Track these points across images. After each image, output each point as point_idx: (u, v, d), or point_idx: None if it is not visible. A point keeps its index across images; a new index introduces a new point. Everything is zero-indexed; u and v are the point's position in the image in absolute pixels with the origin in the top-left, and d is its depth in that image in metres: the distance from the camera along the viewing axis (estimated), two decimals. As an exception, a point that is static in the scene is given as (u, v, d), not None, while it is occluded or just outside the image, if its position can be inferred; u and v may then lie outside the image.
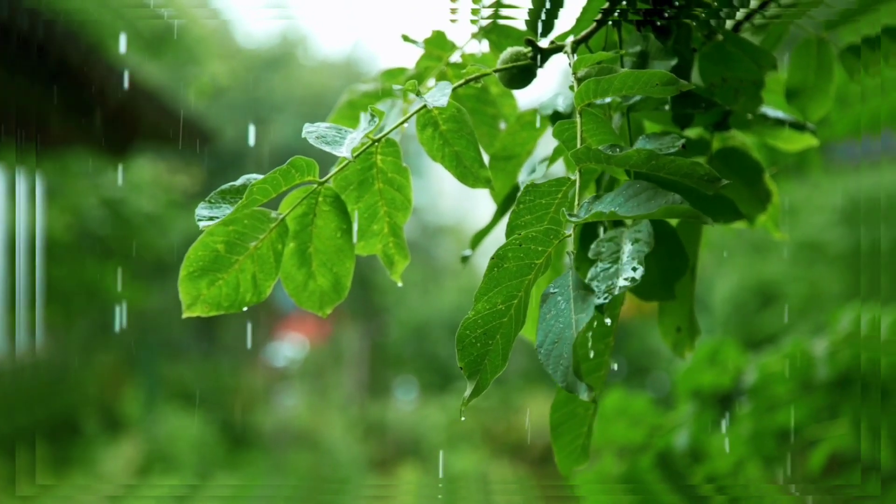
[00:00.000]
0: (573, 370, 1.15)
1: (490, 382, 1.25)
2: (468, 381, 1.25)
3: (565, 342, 1.16)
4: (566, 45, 1.52)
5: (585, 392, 1.14)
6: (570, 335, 1.16)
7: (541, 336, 1.19)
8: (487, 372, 1.25)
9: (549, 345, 1.18)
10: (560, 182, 1.32)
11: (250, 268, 1.42)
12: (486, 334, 1.24)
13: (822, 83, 1.80)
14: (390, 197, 1.50)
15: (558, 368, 1.16)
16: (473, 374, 1.25)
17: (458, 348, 1.24)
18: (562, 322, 1.18)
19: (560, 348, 1.16)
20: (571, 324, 1.16)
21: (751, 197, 1.75)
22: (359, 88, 1.82)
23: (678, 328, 1.73)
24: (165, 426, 11.19)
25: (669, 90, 1.32)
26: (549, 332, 1.18)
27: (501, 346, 1.24)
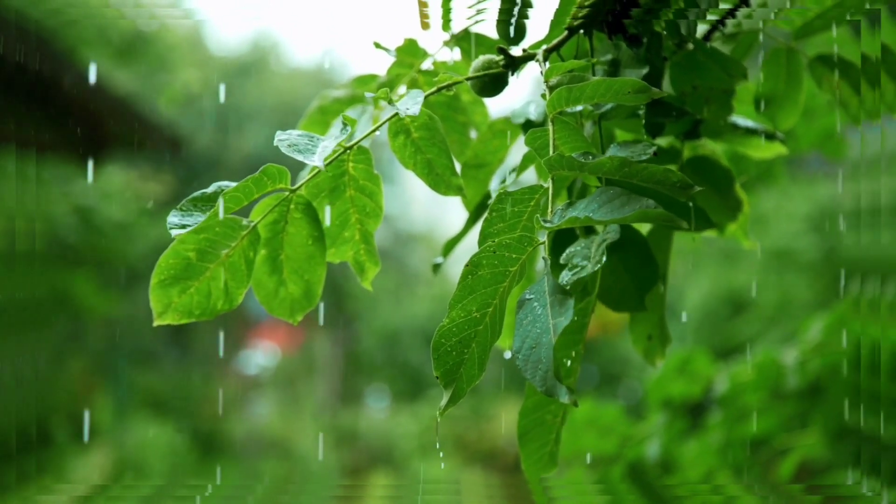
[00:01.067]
0: (553, 374, 1.15)
1: (466, 391, 1.25)
2: (444, 390, 1.25)
3: (543, 347, 1.16)
4: (538, 53, 1.52)
5: (566, 395, 1.14)
6: (549, 340, 1.16)
7: (517, 342, 1.19)
8: (464, 381, 1.25)
9: (527, 350, 1.18)
10: (533, 190, 1.32)
11: (222, 275, 1.41)
12: (461, 343, 1.24)
13: (792, 92, 1.81)
14: (361, 204, 1.50)
15: (537, 373, 1.16)
16: (450, 383, 1.24)
17: (433, 357, 1.24)
18: (539, 327, 1.18)
19: (538, 353, 1.16)
20: (549, 328, 1.17)
21: (721, 205, 1.76)
22: (330, 95, 1.82)
23: (649, 336, 1.74)
24: (136, 434, 11.14)
25: (641, 98, 1.33)
26: (525, 338, 1.18)
27: (477, 354, 1.24)
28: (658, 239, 1.72)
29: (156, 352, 14.53)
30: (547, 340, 1.16)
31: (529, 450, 1.53)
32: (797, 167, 9.42)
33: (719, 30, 1.76)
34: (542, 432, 1.52)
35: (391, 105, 1.42)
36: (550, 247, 1.28)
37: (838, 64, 1.76)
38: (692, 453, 3.19)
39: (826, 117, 3.07)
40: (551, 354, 1.15)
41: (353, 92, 1.80)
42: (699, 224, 1.66)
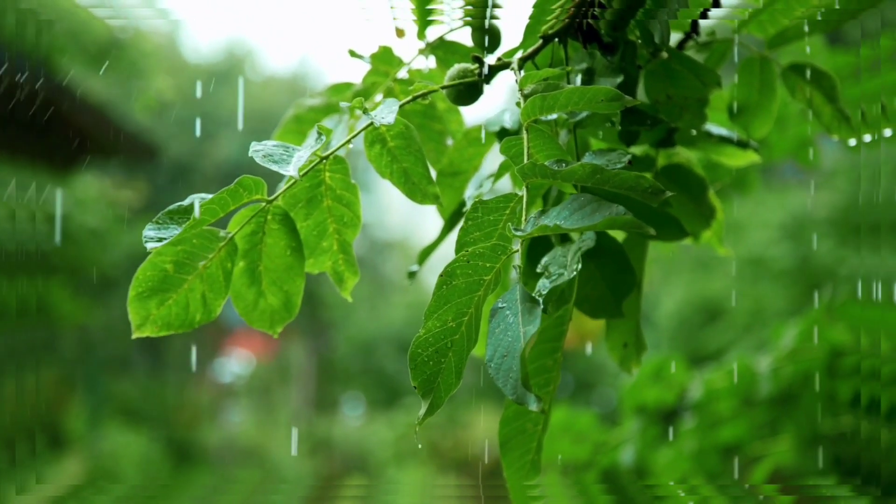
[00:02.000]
0: (522, 382, 1.15)
1: (444, 400, 1.25)
2: (422, 400, 1.25)
3: (514, 355, 1.16)
4: (513, 61, 1.52)
5: (535, 403, 1.14)
6: (519, 348, 1.16)
7: (490, 350, 1.19)
8: (441, 390, 1.25)
9: (499, 358, 1.18)
10: (507, 198, 1.32)
11: (200, 287, 1.41)
12: (438, 352, 1.24)
13: (765, 101, 1.81)
14: (339, 214, 1.49)
15: (508, 381, 1.16)
16: (427, 393, 1.24)
17: (410, 367, 1.24)
18: (510, 336, 1.18)
19: (509, 361, 1.17)
20: (520, 336, 1.17)
21: (695, 213, 1.76)
22: (305, 103, 1.82)
23: (625, 344, 1.74)
24: (109, 443, 11.09)
25: (615, 106, 1.33)
26: (498, 346, 1.19)
27: (454, 363, 1.24)
28: (633, 247, 1.72)
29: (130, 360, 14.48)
30: (518, 349, 1.16)
31: (511, 458, 1.53)
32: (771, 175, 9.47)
33: (693, 39, 1.77)
34: (524, 440, 1.52)
35: (367, 114, 1.42)
36: (525, 255, 1.28)
37: (811, 73, 1.77)
38: (666, 459, 3.20)
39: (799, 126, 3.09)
40: (522, 363, 1.15)
41: (329, 100, 1.80)
42: (673, 232, 1.66)
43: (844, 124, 1.76)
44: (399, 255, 19.21)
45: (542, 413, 1.18)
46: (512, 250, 1.24)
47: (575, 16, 1.54)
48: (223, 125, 17.51)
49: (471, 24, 1.77)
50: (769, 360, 3.18)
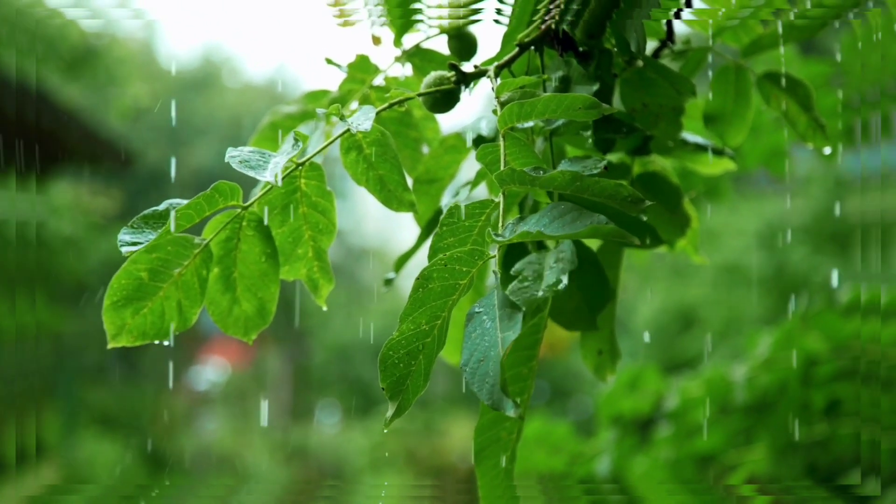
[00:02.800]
0: (499, 387, 1.15)
1: (412, 403, 1.25)
2: (390, 402, 1.25)
3: (491, 360, 1.16)
4: (489, 69, 1.52)
5: (512, 408, 1.14)
6: (496, 353, 1.16)
7: (466, 355, 1.19)
8: (409, 392, 1.25)
9: (475, 363, 1.18)
10: (484, 204, 1.32)
11: (175, 295, 1.40)
12: (408, 355, 1.24)
13: (740, 109, 1.82)
14: (314, 221, 1.49)
15: (484, 386, 1.16)
16: (396, 395, 1.24)
17: (380, 369, 1.24)
18: (487, 341, 1.18)
19: (485, 366, 1.16)
20: (497, 342, 1.17)
21: (671, 221, 1.77)
22: (281, 110, 1.82)
23: (599, 352, 1.74)
24: (84, 451, 11.03)
25: (591, 114, 1.33)
26: (474, 351, 1.19)
27: (424, 366, 1.24)
28: (608, 255, 1.73)
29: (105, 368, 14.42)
30: (495, 354, 1.16)
31: (485, 468, 1.52)
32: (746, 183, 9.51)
33: (668, 47, 1.78)
34: (498, 449, 1.52)
35: (343, 121, 1.41)
36: (501, 261, 1.28)
37: (786, 81, 1.78)
38: (642, 469, 3.20)
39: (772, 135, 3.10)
40: (499, 368, 1.15)
41: (305, 108, 1.80)
42: (649, 240, 1.67)
43: (819, 133, 1.77)
44: (375, 263, 19.20)
45: (521, 419, 1.17)
46: (489, 255, 1.24)
47: (551, 24, 1.55)
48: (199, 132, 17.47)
49: (447, 31, 1.78)
50: (744, 369, 3.19)
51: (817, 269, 8.82)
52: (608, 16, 1.50)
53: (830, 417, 3.12)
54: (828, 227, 9.27)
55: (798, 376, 3.09)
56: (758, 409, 3.16)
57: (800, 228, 9.36)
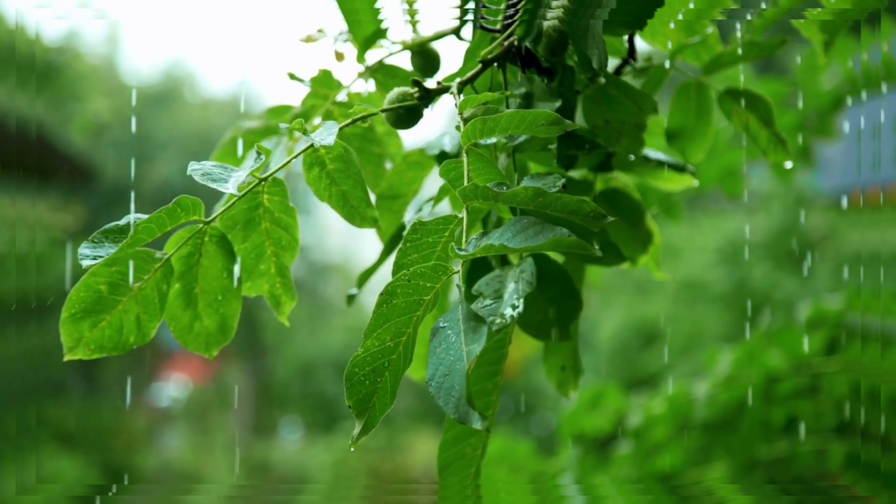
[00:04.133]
0: (465, 400, 1.14)
1: (379, 420, 1.24)
2: (357, 420, 1.24)
3: (456, 374, 1.16)
4: (452, 85, 1.53)
5: (478, 421, 1.14)
6: (462, 367, 1.15)
7: (431, 370, 1.19)
8: (376, 410, 1.24)
9: (440, 378, 1.17)
10: (447, 220, 1.32)
11: (134, 309, 1.39)
12: (374, 372, 1.23)
13: (702, 126, 1.83)
14: (277, 237, 1.49)
15: (450, 400, 1.16)
16: (362, 413, 1.24)
17: (346, 386, 1.23)
18: (452, 355, 1.18)
19: (451, 380, 1.16)
20: (462, 356, 1.16)
21: (633, 237, 1.78)
22: (244, 125, 1.81)
23: (563, 367, 1.74)
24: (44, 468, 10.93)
25: (554, 130, 1.34)
26: (439, 366, 1.18)
27: (390, 383, 1.24)
28: (571, 271, 1.73)
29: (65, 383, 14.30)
30: (460, 367, 1.16)
31: (450, 484, 1.52)
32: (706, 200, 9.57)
33: (630, 64, 1.79)
34: (463, 465, 1.52)
35: (306, 136, 1.41)
36: (465, 276, 1.28)
37: (747, 97, 1.79)
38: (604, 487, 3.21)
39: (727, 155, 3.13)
40: (464, 381, 1.15)
41: (268, 123, 1.80)
42: (611, 257, 1.67)
43: (780, 148, 1.78)
44: (338, 279, 19.17)
45: (487, 431, 1.17)
46: (453, 271, 1.24)
47: (513, 41, 1.55)
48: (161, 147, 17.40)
49: (410, 48, 1.78)
50: (705, 386, 3.20)
51: (778, 286, 8.87)
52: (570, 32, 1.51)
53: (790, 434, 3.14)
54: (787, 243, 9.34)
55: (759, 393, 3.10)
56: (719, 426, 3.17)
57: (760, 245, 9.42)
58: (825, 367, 3.14)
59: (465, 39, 1.74)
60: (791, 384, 3.13)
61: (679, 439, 3.22)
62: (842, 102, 3.29)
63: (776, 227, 9.37)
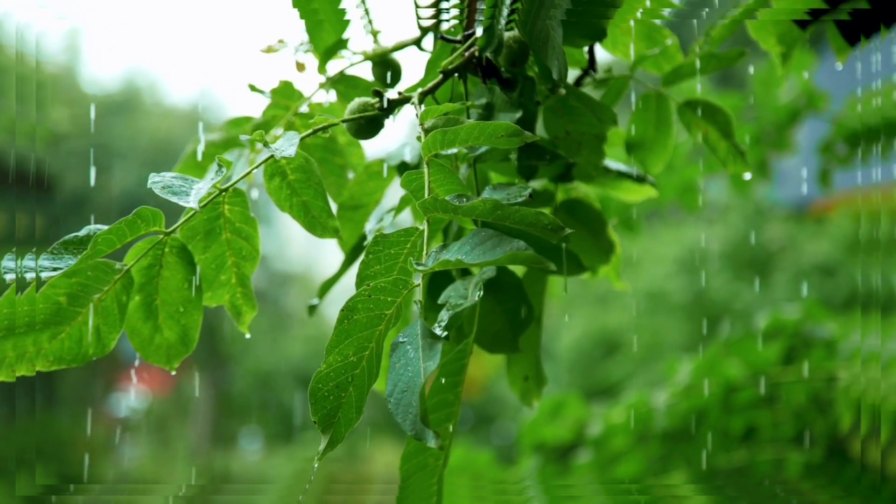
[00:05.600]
0: (421, 418, 1.14)
1: (344, 436, 1.24)
2: (322, 435, 1.23)
3: (414, 390, 1.16)
4: (413, 96, 1.53)
5: (433, 439, 1.14)
6: (419, 383, 1.15)
7: (390, 385, 1.18)
8: (342, 425, 1.24)
9: (399, 393, 1.17)
10: (408, 232, 1.32)
11: (94, 320, 1.38)
12: (338, 387, 1.23)
13: (662, 137, 1.84)
14: (238, 247, 1.48)
15: (407, 417, 1.16)
16: (328, 428, 1.23)
17: (310, 402, 1.23)
18: (411, 370, 1.18)
19: (409, 396, 1.16)
20: (420, 371, 1.16)
21: (594, 247, 1.78)
22: (205, 137, 1.81)
23: (525, 377, 1.75)
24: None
25: (514, 141, 1.34)
26: (398, 381, 1.18)
27: (355, 398, 1.23)
28: (532, 281, 1.74)
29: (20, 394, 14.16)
30: (418, 383, 1.16)
31: (412, 494, 1.52)
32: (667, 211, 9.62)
33: (590, 75, 1.80)
34: (425, 476, 1.51)
35: (267, 147, 1.41)
36: (426, 289, 1.28)
37: (706, 109, 1.80)
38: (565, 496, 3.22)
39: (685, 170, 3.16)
40: (420, 399, 1.15)
41: (229, 134, 1.79)
42: (572, 267, 1.68)
43: (740, 159, 1.79)
44: (299, 289, 19.10)
45: (441, 449, 1.17)
46: (413, 284, 1.24)
47: (474, 52, 1.56)
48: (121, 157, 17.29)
49: (371, 58, 1.78)
50: (665, 396, 3.22)
51: (736, 296, 8.93)
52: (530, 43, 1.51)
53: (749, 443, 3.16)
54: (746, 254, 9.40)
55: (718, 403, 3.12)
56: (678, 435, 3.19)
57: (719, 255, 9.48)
58: (783, 377, 3.16)
59: (426, 50, 1.74)
60: (749, 393, 3.15)
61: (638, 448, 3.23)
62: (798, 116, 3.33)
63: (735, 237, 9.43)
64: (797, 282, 8.74)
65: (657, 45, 1.83)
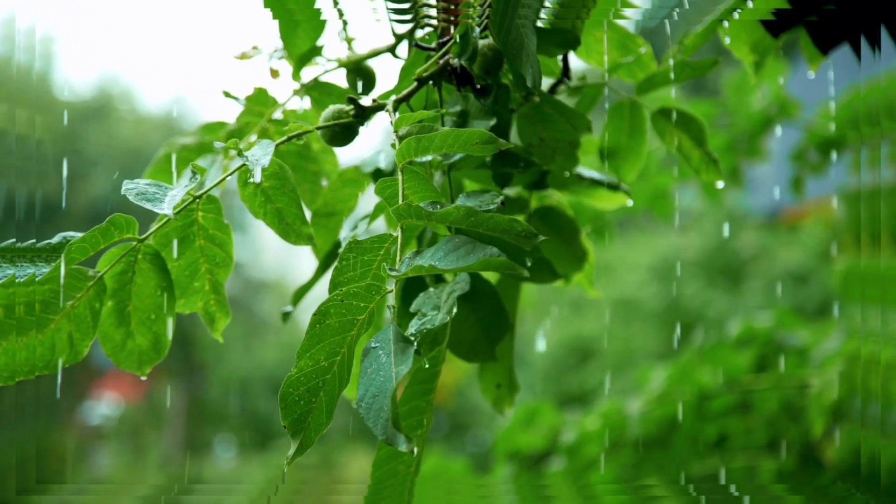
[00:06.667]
0: (392, 422, 1.14)
1: (314, 440, 1.23)
2: (292, 440, 1.23)
3: (385, 395, 1.16)
4: (388, 103, 1.53)
5: (404, 444, 1.14)
6: (390, 387, 1.15)
7: (361, 390, 1.18)
8: (311, 430, 1.23)
9: (370, 398, 1.17)
10: (382, 238, 1.32)
11: (66, 327, 1.38)
12: (309, 392, 1.23)
13: (635, 144, 1.85)
14: (211, 254, 1.48)
15: (378, 421, 1.16)
16: (297, 433, 1.23)
17: (281, 406, 1.22)
18: (382, 375, 1.18)
19: (380, 401, 1.16)
20: (391, 376, 1.16)
21: (567, 255, 1.79)
22: (178, 142, 1.80)
23: (498, 385, 1.75)
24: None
25: (488, 149, 1.34)
26: (369, 386, 1.18)
27: (325, 403, 1.23)
28: (506, 288, 1.74)
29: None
30: (389, 388, 1.16)
31: (382, 500, 1.52)
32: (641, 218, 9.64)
33: (564, 83, 1.80)
34: (397, 483, 1.51)
35: (241, 155, 1.41)
36: (400, 295, 1.28)
37: (679, 117, 1.80)
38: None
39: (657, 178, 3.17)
40: (392, 403, 1.15)
41: (202, 140, 1.79)
42: (545, 275, 1.68)
43: (713, 167, 1.80)
44: (273, 296, 19.07)
45: (412, 454, 1.17)
46: (386, 290, 1.24)
47: (449, 59, 1.56)
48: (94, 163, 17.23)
49: (346, 65, 1.78)
50: (639, 404, 3.23)
51: (710, 304, 8.96)
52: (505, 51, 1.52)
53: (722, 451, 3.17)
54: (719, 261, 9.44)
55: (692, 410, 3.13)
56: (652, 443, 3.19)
57: (693, 263, 9.51)
58: (755, 384, 3.17)
59: (400, 57, 1.74)
60: (722, 401, 3.16)
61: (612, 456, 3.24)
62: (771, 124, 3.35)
63: (708, 245, 9.47)
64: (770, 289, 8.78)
65: (631, 54, 1.84)
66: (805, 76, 1.97)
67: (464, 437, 12.50)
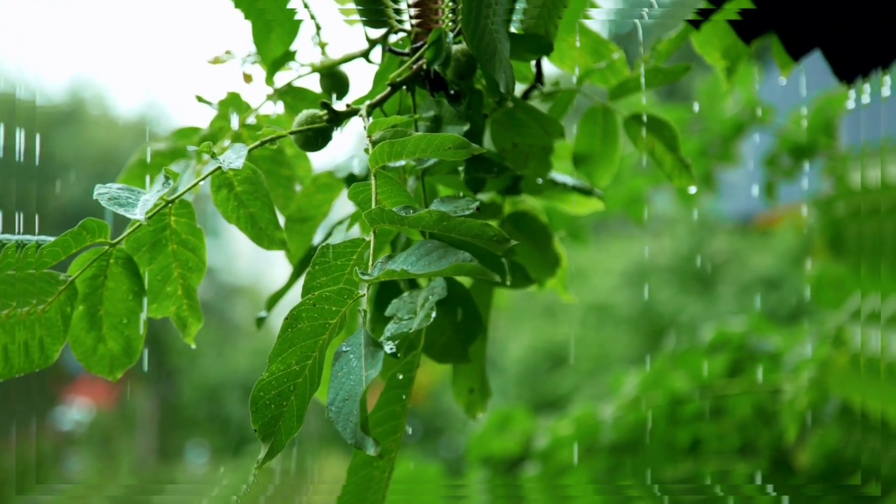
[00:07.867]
0: (361, 426, 1.14)
1: (285, 444, 1.23)
2: (262, 444, 1.23)
3: (355, 399, 1.16)
4: (361, 108, 1.53)
5: (373, 447, 1.13)
6: (360, 391, 1.15)
7: (332, 394, 1.18)
8: (282, 434, 1.23)
9: (340, 402, 1.17)
10: (355, 243, 1.32)
11: (37, 332, 1.37)
12: (280, 395, 1.23)
13: (608, 150, 1.85)
14: (184, 258, 1.48)
15: (348, 426, 1.15)
16: (268, 437, 1.23)
17: (252, 410, 1.22)
18: (353, 379, 1.17)
19: (350, 405, 1.16)
20: (362, 380, 1.16)
21: (541, 260, 1.79)
22: (151, 147, 1.80)
23: (471, 389, 1.75)
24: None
25: (461, 154, 1.34)
26: (340, 390, 1.18)
27: (296, 407, 1.23)
28: (479, 293, 1.74)
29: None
30: (359, 392, 1.16)
31: (355, 503, 1.52)
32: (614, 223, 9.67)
33: (538, 89, 1.80)
34: (371, 490, 1.51)
35: (214, 159, 1.40)
36: (374, 300, 1.28)
37: (652, 123, 1.81)
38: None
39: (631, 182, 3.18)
40: (361, 407, 1.15)
41: (175, 145, 1.78)
42: (519, 280, 1.68)
43: (685, 173, 1.80)
44: (246, 301, 19.01)
45: (380, 458, 1.17)
46: (359, 294, 1.24)
47: (422, 64, 1.56)
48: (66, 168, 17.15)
49: (319, 70, 1.78)
50: (612, 408, 3.23)
51: (683, 309, 8.99)
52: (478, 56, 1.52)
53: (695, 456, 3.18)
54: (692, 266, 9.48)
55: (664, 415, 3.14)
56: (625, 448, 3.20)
57: (666, 268, 9.54)
58: (728, 390, 3.18)
59: (374, 62, 1.74)
60: (695, 406, 3.18)
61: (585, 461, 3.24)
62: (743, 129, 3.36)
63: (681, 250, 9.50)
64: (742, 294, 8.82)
65: (604, 60, 1.84)
66: (777, 81, 1.98)
67: (437, 442, 12.49)
